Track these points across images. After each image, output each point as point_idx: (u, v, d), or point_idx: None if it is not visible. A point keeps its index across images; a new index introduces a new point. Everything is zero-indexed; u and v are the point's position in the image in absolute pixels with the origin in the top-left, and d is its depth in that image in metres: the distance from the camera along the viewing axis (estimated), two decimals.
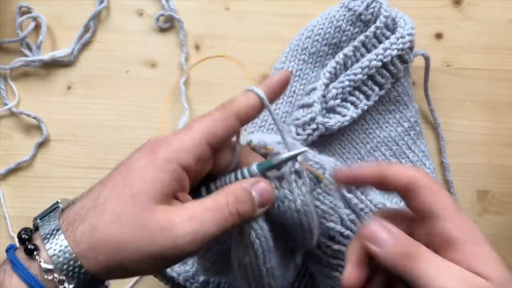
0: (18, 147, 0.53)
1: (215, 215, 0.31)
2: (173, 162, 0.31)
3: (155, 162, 0.31)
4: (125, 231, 0.30)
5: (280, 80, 0.34)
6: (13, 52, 0.54)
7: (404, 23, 0.48)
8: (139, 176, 0.31)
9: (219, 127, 0.32)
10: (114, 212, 0.30)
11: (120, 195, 0.30)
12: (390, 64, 0.47)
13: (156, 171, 0.31)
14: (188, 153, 0.31)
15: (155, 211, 0.30)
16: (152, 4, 0.55)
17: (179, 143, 0.31)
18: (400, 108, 0.51)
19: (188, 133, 0.32)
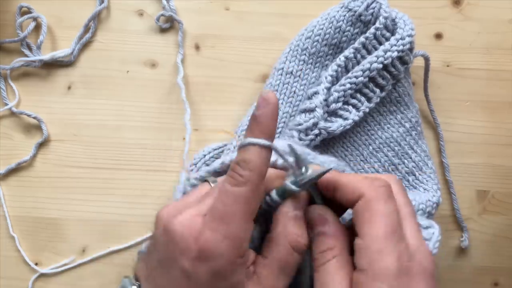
0: (18, 147, 0.53)
1: (289, 269, 0.33)
2: (234, 261, 0.31)
3: (220, 273, 0.31)
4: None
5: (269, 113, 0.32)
6: (13, 52, 0.54)
7: (404, 24, 0.48)
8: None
9: (255, 204, 0.32)
10: None
11: None
12: (390, 66, 0.47)
13: (227, 280, 0.31)
14: (240, 244, 0.31)
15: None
16: (152, 4, 0.55)
17: (230, 240, 0.31)
18: (401, 109, 0.51)
19: (233, 224, 0.31)
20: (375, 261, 0.29)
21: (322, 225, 0.33)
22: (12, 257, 0.51)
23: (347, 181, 0.32)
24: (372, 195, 0.31)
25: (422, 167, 0.50)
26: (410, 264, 0.29)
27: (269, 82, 0.51)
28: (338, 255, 0.32)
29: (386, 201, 0.31)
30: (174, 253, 0.32)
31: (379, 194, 0.31)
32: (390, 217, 0.30)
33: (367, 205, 0.31)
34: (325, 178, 0.33)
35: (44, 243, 0.51)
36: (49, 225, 0.51)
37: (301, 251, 0.32)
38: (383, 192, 0.31)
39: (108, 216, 0.52)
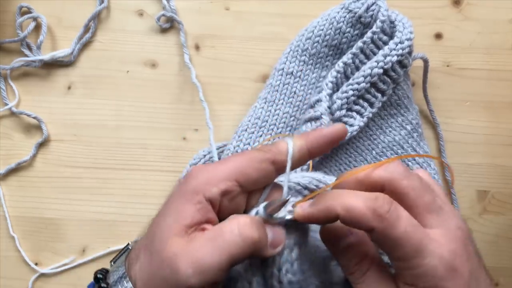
0: (18, 147, 0.53)
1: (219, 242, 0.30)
2: (198, 193, 0.31)
3: (183, 193, 0.31)
4: (147, 269, 0.31)
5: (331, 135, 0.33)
6: (13, 52, 0.54)
7: (403, 27, 0.47)
8: (170, 208, 0.31)
9: (252, 168, 0.31)
10: (151, 249, 0.31)
11: (156, 231, 0.31)
12: (390, 70, 0.47)
13: (183, 202, 0.31)
14: (214, 185, 0.31)
15: (170, 244, 0.30)
16: (152, 4, 0.55)
17: (209, 175, 0.31)
18: (402, 111, 0.51)
19: (220, 167, 0.32)
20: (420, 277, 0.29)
21: (346, 236, 0.32)
22: (12, 257, 0.51)
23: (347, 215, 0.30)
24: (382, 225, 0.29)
25: (426, 168, 0.50)
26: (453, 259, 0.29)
27: (269, 83, 0.51)
28: (373, 264, 0.31)
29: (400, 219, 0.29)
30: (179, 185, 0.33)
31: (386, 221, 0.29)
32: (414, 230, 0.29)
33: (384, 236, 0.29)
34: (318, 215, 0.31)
35: (44, 243, 0.51)
36: (49, 225, 0.51)
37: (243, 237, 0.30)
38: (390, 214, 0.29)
39: (108, 216, 0.52)
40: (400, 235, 0.28)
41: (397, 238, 0.28)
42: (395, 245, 0.29)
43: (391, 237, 0.28)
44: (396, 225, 0.28)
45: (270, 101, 0.50)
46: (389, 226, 0.28)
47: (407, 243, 0.28)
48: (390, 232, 0.28)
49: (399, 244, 0.28)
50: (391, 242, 0.29)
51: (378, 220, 0.28)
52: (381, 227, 0.28)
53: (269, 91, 0.50)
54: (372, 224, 0.28)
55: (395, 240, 0.28)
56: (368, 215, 0.29)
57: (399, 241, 0.28)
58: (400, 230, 0.28)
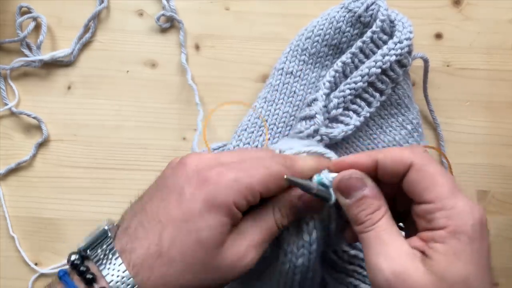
0: (18, 147, 0.53)
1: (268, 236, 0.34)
2: (230, 205, 0.31)
3: (212, 205, 0.31)
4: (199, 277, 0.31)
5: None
6: (13, 52, 0.54)
7: (402, 26, 0.47)
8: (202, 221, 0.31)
9: (274, 184, 0.33)
10: (185, 261, 0.31)
11: (187, 242, 0.31)
12: (389, 70, 0.47)
13: (219, 215, 0.31)
14: (243, 199, 0.32)
15: (222, 253, 0.31)
16: (152, 4, 0.55)
17: (236, 184, 0.32)
18: (402, 111, 0.51)
19: (245, 178, 0.32)
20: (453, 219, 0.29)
21: (361, 189, 0.32)
22: (12, 257, 0.51)
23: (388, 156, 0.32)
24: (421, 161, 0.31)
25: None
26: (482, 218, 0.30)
27: (269, 82, 0.51)
28: (386, 214, 0.32)
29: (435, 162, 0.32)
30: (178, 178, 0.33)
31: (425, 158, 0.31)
32: (447, 175, 0.31)
33: (422, 171, 0.31)
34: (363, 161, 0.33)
35: (44, 243, 0.51)
36: (49, 225, 0.51)
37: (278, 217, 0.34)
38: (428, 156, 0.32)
39: (108, 216, 0.51)
40: (438, 172, 0.30)
41: (435, 174, 0.30)
42: (433, 182, 0.30)
43: (428, 173, 0.30)
44: (433, 163, 0.31)
45: (270, 101, 0.50)
46: (427, 162, 0.31)
47: (444, 182, 0.30)
48: (428, 167, 0.31)
49: (436, 181, 0.30)
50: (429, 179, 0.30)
51: (417, 156, 0.31)
52: (420, 162, 0.31)
53: (269, 90, 0.50)
54: (412, 159, 0.31)
55: (433, 176, 0.30)
56: (407, 152, 0.31)
57: (436, 178, 0.30)
58: (438, 168, 0.31)
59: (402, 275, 0.29)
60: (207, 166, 0.33)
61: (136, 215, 0.33)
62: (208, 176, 0.32)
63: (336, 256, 0.42)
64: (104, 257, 0.31)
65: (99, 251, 0.32)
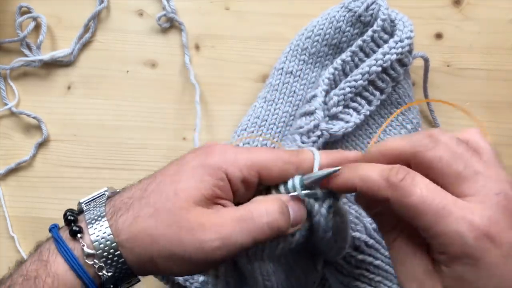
0: (18, 147, 0.53)
1: (249, 225, 0.30)
2: (221, 169, 0.31)
3: (205, 165, 0.31)
4: (160, 226, 0.30)
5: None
6: (13, 52, 0.54)
7: (403, 25, 0.47)
8: (187, 174, 0.31)
9: (276, 166, 0.32)
10: (156, 205, 0.30)
11: (165, 190, 0.31)
12: (390, 69, 0.47)
13: (204, 173, 0.31)
14: (238, 169, 0.31)
15: (191, 211, 0.30)
16: (152, 4, 0.55)
17: (234, 157, 0.32)
18: (402, 110, 0.51)
19: (246, 154, 0.32)
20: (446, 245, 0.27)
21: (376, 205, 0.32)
22: (12, 257, 0.51)
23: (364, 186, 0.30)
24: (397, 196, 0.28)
25: None
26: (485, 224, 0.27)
27: (269, 82, 0.51)
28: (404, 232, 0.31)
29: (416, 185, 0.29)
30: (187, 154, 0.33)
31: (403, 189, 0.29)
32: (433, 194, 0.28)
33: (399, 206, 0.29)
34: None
35: None
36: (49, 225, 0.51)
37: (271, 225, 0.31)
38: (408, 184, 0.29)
39: None
40: (416, 202, 0.27)
41: (413, 206, 0.27)
42: (413, 213, 0.28)
43: (407, 205, 0.28)
44: (411, 192, 0.27)
45: (269, 100, 0.50)
46: (404, 194, 0.28)
47: (426, 210, 0.27)
48: (405, 200, 0.28)
49: (417, 212, 0.27)
50: (408, 211, 0.28)
51: (392, 189, 0.28)
52: (395, 196, 0.28)
53: (269, 90, 0.50)
54: (386, 193, 0.28)
55: (411, 208, 0.28)
56: (382, 184, 0.28)
57: (416, 209, 0.27)
58: (416, 197, 0.27)
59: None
60: (219, 146, 0.33)
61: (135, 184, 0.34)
62: (213, 149, 0.33)
63: (343, 261, 0.42)
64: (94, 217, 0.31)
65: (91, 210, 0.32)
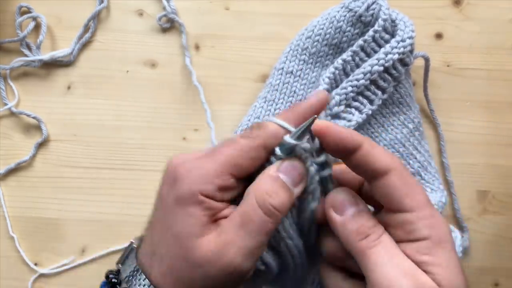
0: (18, 147, 0.53)
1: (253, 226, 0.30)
2: (196, 194, 0.30)
3: (180, 199, 0.31)
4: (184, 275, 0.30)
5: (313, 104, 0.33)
6: (13, 52, 0.54)
7: (404, 25, 0.47)
8: (173, 216, 0.31)
9: (244, 158, 0.31)
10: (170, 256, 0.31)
11: (167, 238, 0.31)
12: (391, 68, 0.47)
13: (185, 206, 0.30)
14: (210, 183, 0.30)
15: (199, 247, 0.30)
16: (152, 4, 0.55)
17: (200, 172, 0.31)
18: (404, 110, 0.51)
19: (210, 161, 0.31)
20: (435, 228, 0.29)
21: (355, 205, 0.31)
22: (11, 257, 0.51)
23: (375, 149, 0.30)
24: (401, 168, 0.30)
25: (427, 167, 0.50)
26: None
27: (269, 82, 0.51)
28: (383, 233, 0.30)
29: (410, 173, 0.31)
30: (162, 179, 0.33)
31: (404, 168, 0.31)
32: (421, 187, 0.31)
33: (402, 178, 0.30)
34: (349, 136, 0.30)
35: (43, 243, 0.51)
36: (49, 225, 0.51)
37: (268, 211, 0.30)
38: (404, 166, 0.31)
39: (108, 216, 0.52)
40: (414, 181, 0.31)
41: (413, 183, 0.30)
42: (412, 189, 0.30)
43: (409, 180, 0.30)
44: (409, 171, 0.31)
45: (270, 100, 0.50)
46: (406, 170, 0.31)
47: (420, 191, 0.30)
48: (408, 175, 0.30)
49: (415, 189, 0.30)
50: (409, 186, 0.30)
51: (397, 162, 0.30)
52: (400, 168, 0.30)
53: (269, 90, 0.50)
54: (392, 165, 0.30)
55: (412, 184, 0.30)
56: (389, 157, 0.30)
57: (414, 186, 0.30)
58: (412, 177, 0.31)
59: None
60: (177, 164, 0.32)
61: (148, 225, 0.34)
62: (176, 172, 0.31)
63: None
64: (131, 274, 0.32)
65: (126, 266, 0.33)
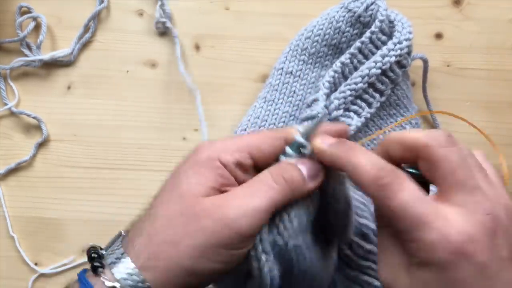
0: (18, 147, 0.53)
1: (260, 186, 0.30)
2: (214, 159, 0.31)
3: (198, 161, 0.32)
4: (177, 230, 0.29)
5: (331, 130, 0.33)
6: (13, 52, 0.54)
7: (401, 27, 0.47)
8: (184, 176, 0.31)
9: (265, 143, 0.32)
10: (165, 216, 0.30)
11: (169, 198, 0.31)
12: (389, 71, 0.47)
13: (199, 167, 0.31)
14: (229, 154, 0.31)
15: (202, 202, 0.30)
16: (152, 4, 0.55)
17: (222, 145, 0.32)
18: (401, 112, 0.51)
19: (234, 140, 0.33)
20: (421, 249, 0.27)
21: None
22: (12, 257, 0.51)
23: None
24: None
25: None
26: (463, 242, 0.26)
27: (269, 82, 0.51)
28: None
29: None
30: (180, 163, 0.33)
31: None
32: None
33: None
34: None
35: (44, 243, 0.51)
36: (49, 225, 0.51)
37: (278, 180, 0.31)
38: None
39: (108, 216, 0.52)
40: (397, 208, 0.27)
41: (394, 210, 0.27)
42: (392, 217, 0.28)
43: (388, 208, 0.28)
44: (394, 197, 0.27)
45: (269, 100, 0.50)
46: (387, 196, 0.28)
47: (405, 216, 0.27)
48: (387, 202, 0.28)
49: (395, 217, 0.28)
50: (388, 213, 0.28)
51: (378, 189, 0.28)
52: (379, 196, 0.28)
53: (269, 90, 0.50)
54: (371, 190, 0.28)
55: (391, 212, 0.28)
56: (369, 180, 0.28)
57: (395, 214, 0.27)
58: (397, 203, 0.27)
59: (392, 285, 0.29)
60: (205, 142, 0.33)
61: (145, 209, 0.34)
62: (199, 146, 0.33)
63: (351, 252, 0.41)
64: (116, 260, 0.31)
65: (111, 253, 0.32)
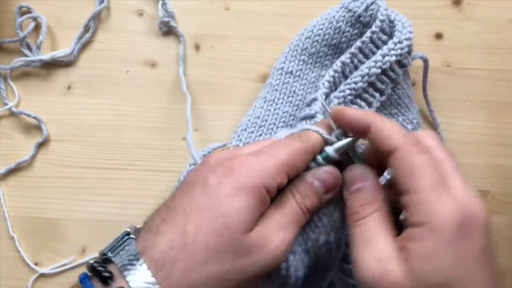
0: (18, 147, 0.53)
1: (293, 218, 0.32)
2: (260, 186, 0.31)
3: (241, 188, 0.30)
4: (224, 264, 0.29)
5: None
6: (13, 52, 0.54)
7: (402, 27, 0.47)
8: (230, 205, 0.30)
9: (299, 160, 0.33)
10: (210, 248, 0.29)
11: (212, 229, 0.30)
12: (389, 70, 0.47)
13: (246, 196, 0.30)
14: (272, 179, 0.31)
15: (248, 237, 0.30)
16: (152, 4, 0.55)
17: (262, 166, 0.31)
18: (402, 111, 0.51)
19: (270, 158, 0.32)
20: (433, 215, 0.28)
21: (361, 181, 0.33)
22: (11, 257, 0.51)
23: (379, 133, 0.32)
24: (408, 148, 0.31)
25: None
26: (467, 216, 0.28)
27: (269, 82, 0.51)
28: (379, 210, 0.31)
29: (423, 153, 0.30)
30: (201, 171, 0.33)
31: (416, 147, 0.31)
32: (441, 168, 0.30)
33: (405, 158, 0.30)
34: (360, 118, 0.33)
35: (44, 243, 0.51)
36: (49, 225, 0.51)
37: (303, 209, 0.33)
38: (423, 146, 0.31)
39: (108, 216, 0.52)
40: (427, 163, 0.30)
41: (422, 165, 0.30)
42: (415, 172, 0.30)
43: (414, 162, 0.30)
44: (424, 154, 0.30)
45: (269, 101, 0.50)
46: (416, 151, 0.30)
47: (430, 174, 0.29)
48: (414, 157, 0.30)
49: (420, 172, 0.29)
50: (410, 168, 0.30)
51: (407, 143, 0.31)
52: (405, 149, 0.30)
53: (269, 90, 0.50)
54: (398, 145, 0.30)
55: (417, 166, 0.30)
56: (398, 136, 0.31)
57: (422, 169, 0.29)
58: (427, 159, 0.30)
59: (382, 277, 0.28)
60: (229, 157, 0.33)
61: (159, 213, 0.32)
62: (232, 164, 0.32)
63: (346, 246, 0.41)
64: (129, 262, 0.30)
65: (122, 253, 0.31)
